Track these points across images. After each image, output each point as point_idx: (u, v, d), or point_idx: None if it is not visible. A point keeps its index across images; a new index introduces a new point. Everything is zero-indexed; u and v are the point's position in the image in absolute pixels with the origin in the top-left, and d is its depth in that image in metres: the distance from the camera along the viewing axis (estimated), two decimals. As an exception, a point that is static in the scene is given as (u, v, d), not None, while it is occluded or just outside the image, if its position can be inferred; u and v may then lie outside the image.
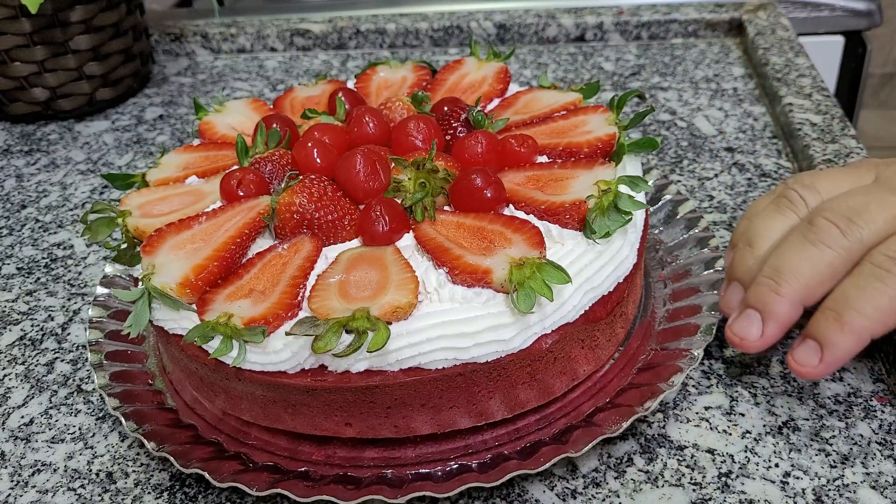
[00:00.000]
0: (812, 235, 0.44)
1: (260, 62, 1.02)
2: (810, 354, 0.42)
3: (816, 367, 0.42)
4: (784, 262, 0.44)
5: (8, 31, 0.81)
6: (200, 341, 0.42)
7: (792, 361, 0.43)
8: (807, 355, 0.42)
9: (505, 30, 1.00)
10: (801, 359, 0.43)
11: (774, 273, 0.44)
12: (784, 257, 0.44)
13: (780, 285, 0.43)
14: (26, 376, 0.55)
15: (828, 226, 0.44)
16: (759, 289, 0.44)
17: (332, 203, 0.45)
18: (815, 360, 0.42)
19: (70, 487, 0.47)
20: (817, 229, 0.44)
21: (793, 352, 0.44)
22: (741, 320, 0.45)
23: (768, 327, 0.44)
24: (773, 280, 0.44)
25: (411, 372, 0.41)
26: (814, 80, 0.81)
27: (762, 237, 0.47)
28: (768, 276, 0.44)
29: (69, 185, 0.78)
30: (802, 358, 0.43)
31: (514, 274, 0.40)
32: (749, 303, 0.45)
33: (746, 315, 0.45)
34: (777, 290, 0.43)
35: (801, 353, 0.43)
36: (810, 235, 0.44)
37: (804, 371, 0.43)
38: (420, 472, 0.44)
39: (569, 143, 0.50)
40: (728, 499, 0.43)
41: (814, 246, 0.43)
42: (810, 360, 0.42)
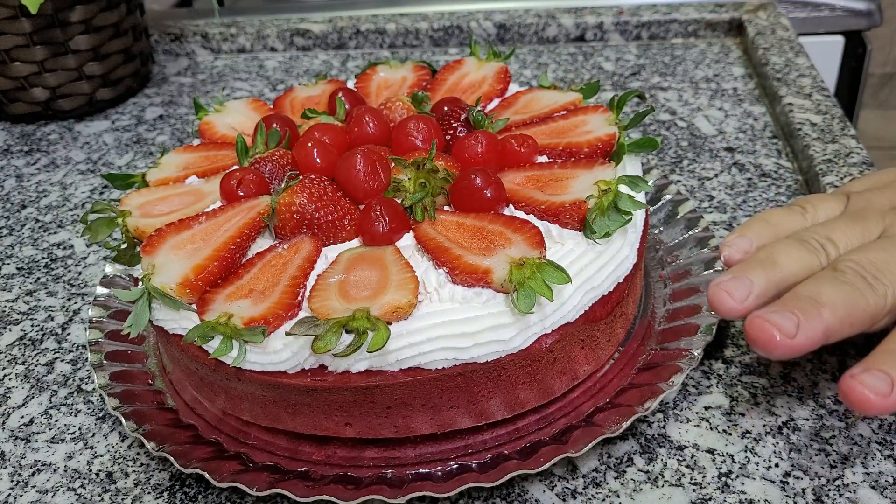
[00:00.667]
0: (844, 278, 0.43)
1: (260, 62, 1.02)
2: (882, 384, 0.39)
3: (887, 398, 0.39)
4: (822, 291, 0.42)
5: (8, 31, 0.81)
6: (200, 341, 0.42)
7: (858, 386, 0.39)
8: (878, 384, 0.39)
9: (505, 30, 1.00)
10: (873, 384, 0.39)
11: (816, 295, 0.42)
12: (822, 287, 0.43)
13: (823, 308, 0.41)
14: (26, 376, 0.55)
15: (857, 276, 0.43)
16: (801, 301, 0.42)
17: (332, 203, 0.45)
18: (888, 390, 0.39)
19: (70, 487, 0.47)
20: (848, 275, 0.43)
21: (856, 378, 0.39)
22: (778, 315, 0.41)
23: (801, 335, 0.41)
24: (815, 300, 0.42)
25: (411, 372, 0.41)
26: (814, 80, 0.81)
27: (788, 261, 0.45)
28: (809, 296, 0.42)
29: (69, 185, 0.78)
30: (875, 384, 0.39)
31: (514, 274, 0.40)
32: (789, 306, 0.42)
33: (785, 314, 0.41)
34: (820, 311, 0.41)
35: (871, 380, 0.39)
36: (842, 277, 0.43)
37: (872, 400, 0.39)
38: (420, 472, 0.44)
39: (569, 143, 0.50)
40: (728, 499, 0.43)
41: (851, 288, 0.42)
42: (883, 388, 0.39)
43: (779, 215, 0.51)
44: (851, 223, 0.48)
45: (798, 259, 0.45)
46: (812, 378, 0.49)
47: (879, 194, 0.50)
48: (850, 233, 0.47)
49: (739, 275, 0.45)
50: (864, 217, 0.48)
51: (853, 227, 0.47)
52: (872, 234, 0.47)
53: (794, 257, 0.45)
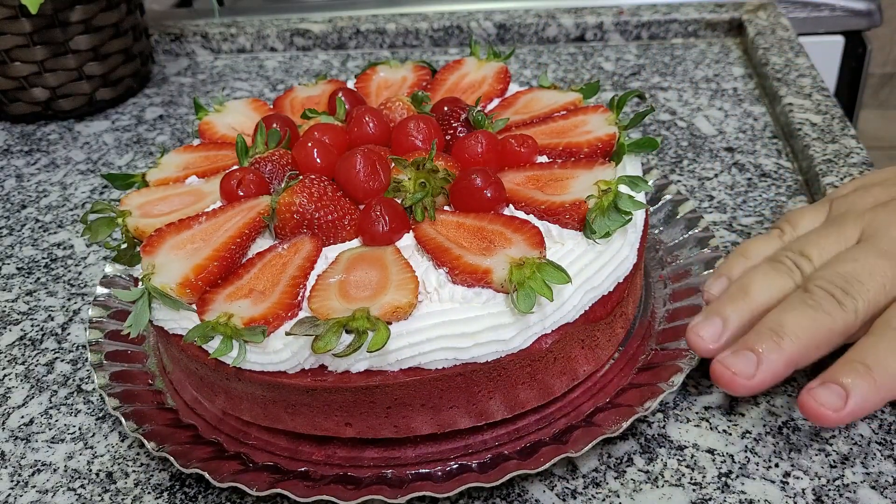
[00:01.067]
0: (811, 301, 0.43)
1: (260, 62, 1.02)
2: (834, 398, 0.40)
3: (840, 412, 0.40)
4: (786, 318, 0.43)
5: (8, 31, 0.81)
6: (200, 341, 0.42)
7: (811, 401, 0.40)
8: (831, 398, 0.40)
9: (505, 30, 1.00)
10: (825, 400, 0.40)
11: (777, 326, 0.43)
12: (785, 315, 0.43)
13: (783, 339, 0.42)
14: (26, 376, 0.55)
15: (825, 295, 0.43)
16: (760, 336, 0.43)
17: (332, 203, 0.45)
18: (840, 405, 0.40)
19: (70, 487, 0.47)
20: (816, 297, 0.44)
21: (811, 393, 0.41)
22: (734, 357, 0.43)
23: (761, 373, 0.42)
24: (775, 332, 0.43)
25: (411, 372, 0.41)
26: (814, 80, 0.81)
27: (759, 289, 0.46)
28: (770, 327, 0.43)
29: (69, 185, 0.78)
30: (826, 400, 0.40)
31: (514, 274, 0.40)
32: (748, 345, 0.43)
33: (743, 354, 0.43)
34: (780, 343, 0.42)
35: (824, 395, 0.40)
36: (810, 301, 0.44)
37: (826, 414, 0.40)
38: (420, 472, 0.44)
39: (569, 143, 0.50)
40: (728, 499, 0.43)
41: (815, 311, 0.43)
42: (835, 403, 0.40)
43: (756, 245, 0.51)
44: (827, 232, 0.48)
45: (770, 285, 0.46)
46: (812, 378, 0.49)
47: (864, 193, 0.50)
48: (824, 242, 0.47)
49: (711, 315, 0.46)
50: (842, 223, 0.48)
51: (828, 237, 0.47)
52: (849, 240, 0.47)
53: (765, 284, 0.46)
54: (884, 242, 0.45)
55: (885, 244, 0.45)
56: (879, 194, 0.50)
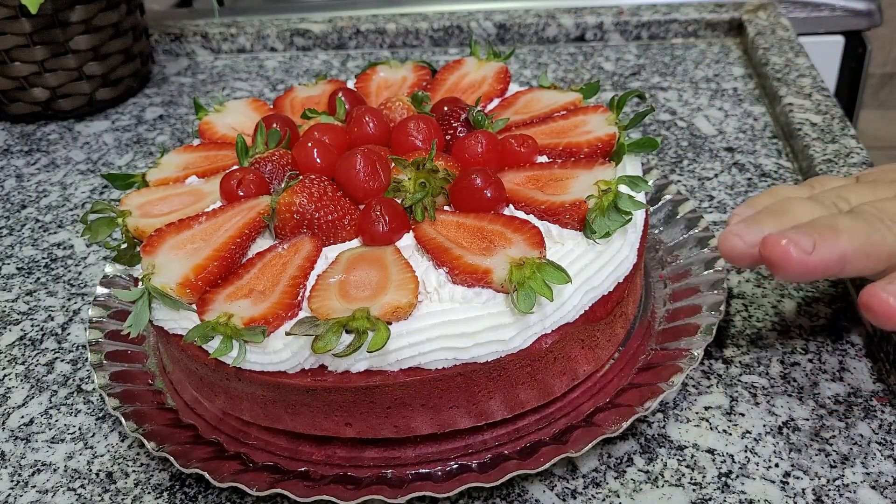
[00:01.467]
0: (863, 219, 0.43)
1: (260, 62, 1.02)
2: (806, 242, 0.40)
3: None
4: (841, 222, 0.42)
5: (8, 31, 0.81)
6: (200, 341, 0.42)
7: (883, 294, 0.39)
8: (803, 241, 0.40)
9: (505, 30, 1.00)
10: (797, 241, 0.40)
11: (833, 224, 0.42)
12: (841, 220, 0.42)
13: (840, 235, 0.41)
14: (26, 376, 0.55)
15: (875, 217, 0.43)
16: (816, 227, 0.42)
17: (332, 203, 0.45)
18: (805, 253, 0.40)
19: (70, 487, 0.47)
20: (864, 215, 0.43)
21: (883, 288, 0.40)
22: (795, 233, 0.41)
23: (818, 254, 0.40)
24: (832, 228, 0.42)
25: (411, 372, 0.41)
26: (814, 80, 0.81)
27: (801, 213, 0.45)
28: (827, 224, 0.42)
29: (69, 185, 0.78)
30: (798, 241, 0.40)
31: (514, 274, 0.40)
32: (807, 230, 0.41)
33: (802, 233, 0.41)
34: (837, 237, 0.41)
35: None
36: (859, 217, 0.43)
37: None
38: (420, 472, 0.44)
39: (569, 143, 0.50)
40: (728, 499, 0.43)
41: (868, 224, 0.42)
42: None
43: (788, 189, 0.50)
44: (862, 187, 0.47)
45: (811, 212, 0.45)
46: (812, 378, 0.49)
47: (889, 171, 0.50)
48: (861, 192, 0.46)
49: (752, 223, 0.44)
50: (874, 185, 0.47)
51: (864, 190, 0.47)
52: (885, 196, 0.46)
53: (807, 209, 0.45)
54: None
55: None
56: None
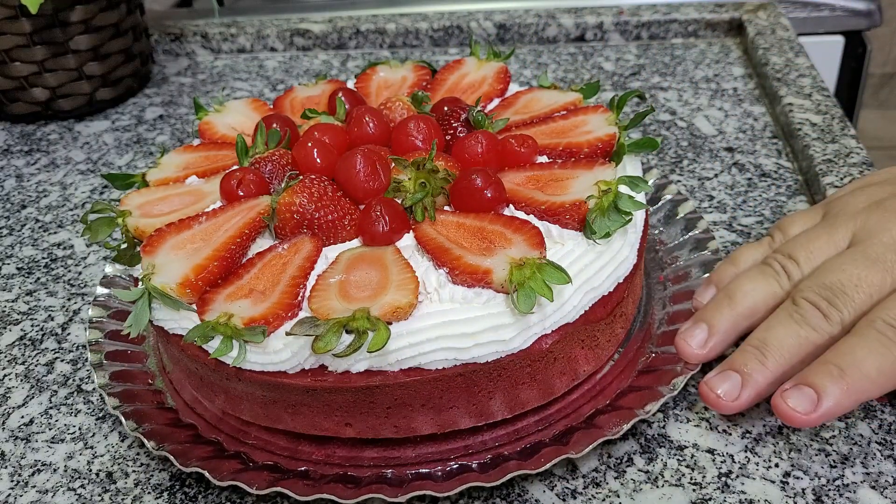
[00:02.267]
0: (797, 316, 0.44)
1: (260, 62, 1.02)
2: (805, 401, 0.41)
3: (810, 415, 0.41)
4: (771, 336, 0.44)
5: (8, 31, 0.81)
6: (200, 341, 0.42)
7: (783, 404, 0.42)
8: (802, 401, 0.41)
9: (505, 30, 1.00)
10: (795, 404, 0.41)
11: (761, 344, 0.44)
12: (771, 331, 0.45)
13: (767, 357, 0.44)
14: (26, 376, 0.55)
15: (811, 308, 0.44)
16: (745, 355, 0.45)
17: (332, 203, 0.45)
18: (811, 408, 0.41)
19: (70, 487, 0.47)
20: (802, 310, 0.44)
21: (783, 394, 0.42)
22: (719, 379, 0.45)
23: (746, 392, 0.44)
24: (759, 351, 0.44)
25: (411, 372, 0.41)
26: (814, 80, 0.81)
27: (744, 295, 0.47)
28: (755, 346, 0.45)
29: (69, 185, 0.78)
30: (797, 403, 0.41)
31: (515, 274, 0.40)
32: (733, 366, 0.45)
33: (727, 375, 0.44)
34: (763, 362, 0.44)
35: (795, 398, 0.42)
36: (795, 315, 0.45)
37: (796, 417, 0.41)
38: (420, 471, 0.44)
39: (569, 143, 0.50)
40: (728, 499, 0.43)
41: (799, 326, 0.44)
42: (805, 406, 0.41)
43: (745, 253, 0.52)
44: (817, 234, 0.48)
45: (755, 289, 0.47)
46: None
47: (860, 193, 0.50)
48: (813, 246, 0.48)
49: (697, 321, 0.48)
50: (833, 225, 0.48)
51: (818, 239, 0.48)
52: (839, 243, 0.47)
53: (750, 288, 0.47)
54: (873, 248, 0.45)
55: (873, 250, 0.45)
56: (875, 192, 0.49)
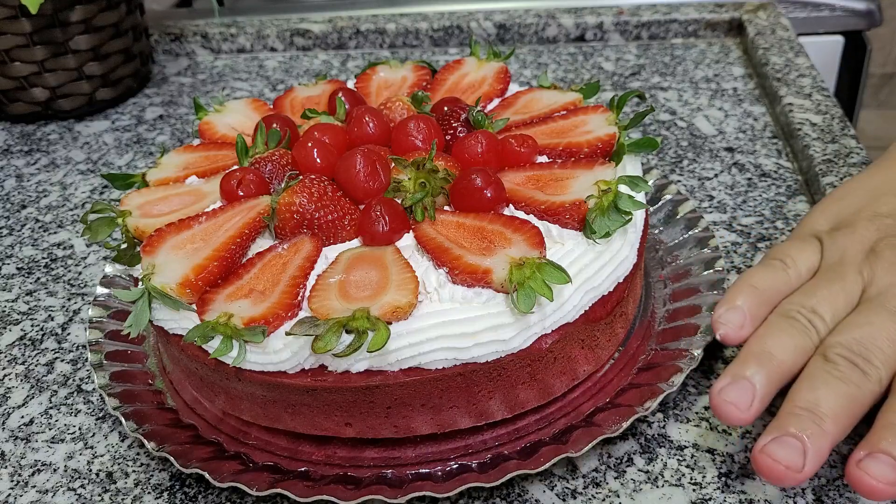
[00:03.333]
0: (837, 373, 0.42)
1: (260, 62, 1.02)
2: (890, 470, 0.38)
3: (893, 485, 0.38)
4: (821, 397, 0.41)
5: (8, 31, 0.81)
6: (200, 341, 0.42)
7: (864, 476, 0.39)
8: (886, 470, 0.38)
9: (505, 30, 1.00)
10: (879, 473, 0.38)
11: (814, 406, 0.41)
12: (819, 392, 0.42)
13: (825, 421, 0.40)
14: (26, 376, 0.55)
15: (849, 366, 0.42)
16: (800, 419, 0.41)
17: (332, 203, 0.45)
18: (892, 476, 0.38)
19: (70, 487, 0.47)
20: (841, 367, 0.42)
21: (862, 465, 0.39)
22: (780, 446, 0.40)
23: (810, 462, 0.40)
24: (814, 413, 0.41)
25: (411, 372, 0.41)
26: (814, 80, 0.81)
27: (783, 351, 0.44)
28: (807, 408, 0.41)
29: (69, 185, 0.78)
30: (881, 473, 0.38)
31: (515, 274, 0.40)
32: (789, 431, 0.41)
33: (786, 442, 0.40)
34: (822, 426, 0.40)
35: (875, 467, 0.39)
36: (836, 373, 0.42)
37: (880, 488, 0.38)
38: (420, 472, 0.44)
39: (569, 143, 0.50)
40: (728, 499, 0.43)
41: (845, 385, 0.42)
42: (887, 475, 0.38)
43: (761, 276, 0.49)
44: (830, 286, 0.47)
45: (790, 346, 0.45)
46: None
47: (850, 237, 0.49)
48: (832, 300, 0.46)
49: (737, 378, 0.43)
50: (842, 275, 0.47)
51: (836, 294, 0.46)
52: (853, 295, 0.46)
53: (786, 345, 0.45)
54: (891, 303, 0.45)
55: (892, 304, 0.44)
56: (864, 236, 0.48)
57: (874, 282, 0.46)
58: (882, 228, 0.49)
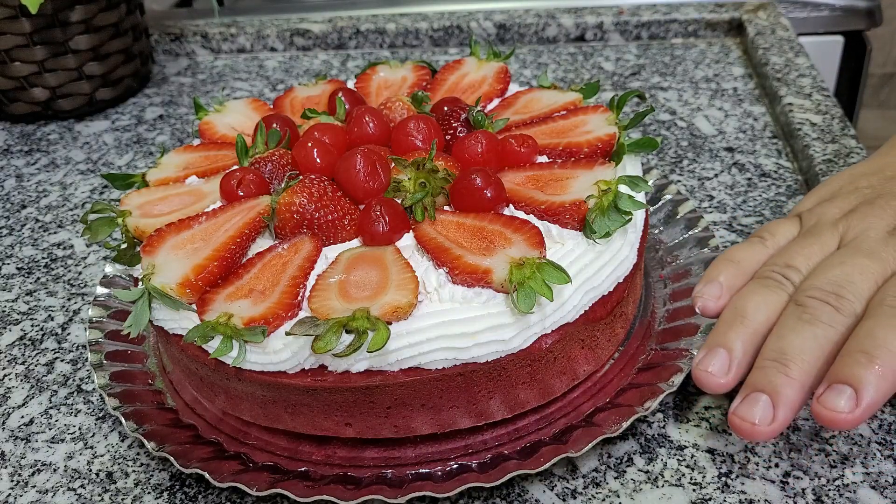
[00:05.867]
0: (807, 315, 0.42)
1: (260, 62, 1.02)
2: (844, 399, 0.38)
3: (854, 411, 0.38)
4: (786, 343, 0.42)
5: (8, 31, 0.81)
6: (200, 341, 0.42)
7: (823, 409, 0.39)
8: (841, 401, 0.38)
9: (505, 30, 1.00)
10: (833, 404, 0.38)
11: (780, 356, 0.41)
12: (785, 339, 0.42)
13: (790, 367, 0.41)
14: (26, 376, 0.55)
15: (820, 305, 0.42)
16: (766, 372, 0.41)
17: (332, 203, 0.45)
18: (853, 405, 0.38)
19: (70, 487, 0.47)
20: (811, 309, 0.42)
21: (820, 400, 0.39)
22: (748, 405, 0.41)
23: (781, 411, 0.40)
24: (779, 362, 0.41)
25: (411, 372, 0.41)
26: (814, 80, 0.81)
27: (756, 310, 0.45)
28: (773, 358, 0.41)
29: (69, 185, 0.78)
30: (835, 403, 0.38)
31: (515, 274, 0.40)
32: (756, 386, 0.41)
33: (754, 399, 0.41)
34: (787, 373, 0.40)
35: (833, 399, 0.38)
36: (805, 316, 0.42)
37: (841, 418, 0.38)
38: (420, 472, 0.44)
39: (569, 143, 0.50)
40: (728, 499, 0.43)
41: (813, 326, 0.42)
42: (847, 404, 0.38)
43: (741, 251, 0.50)
44: (808, 241, 0.48)
45: (764, 302, 0.45)
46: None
47: (829, 205, 0.50)
48: (808, 251, 0.47)
49: (714, 346, 0.44)
50: (818, 232, 0.48)
51: (810, 246, 0.47)
52: (830, 247, 0.47)
53: (760, 303, 0.45)
54: (864, 244, 0.45)
55: (865, 245, 0.45)
56: (842, 203, 0.50)
57: (848, 230, 0.47)
58: (860, 197, 0.50)
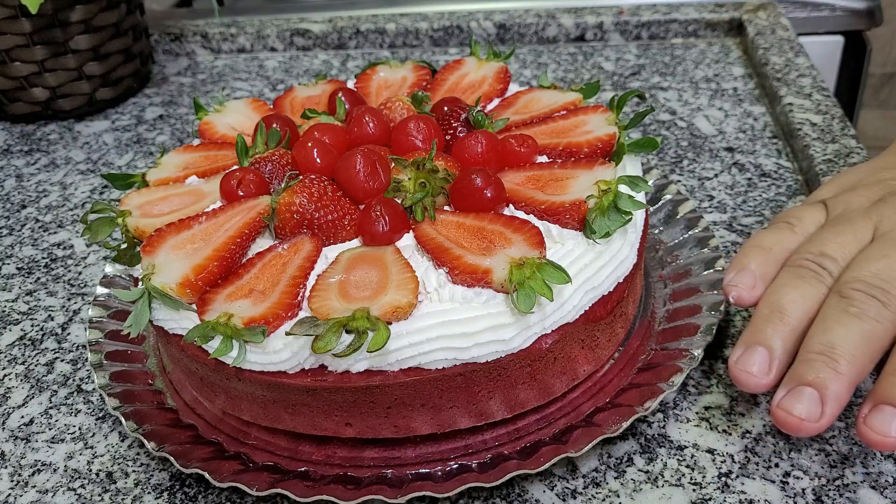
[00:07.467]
0: (854, 309, 0.40)
1: (260, 62, 1.02)
2: (892, 423, 0.37)
3: None
4: (834, 336, 0.40)
5: (8, 31, 0.81)
6: (200, 341, 0.42)
7: (870, 432, 0.38)
8: (888, 424, 0.37)
9: (505, 30, 1.00)
10: (882, 429, 0.37)
11: (828, 350, 0.40)
12: (832, 332, 0.40)
13: (839, 362, 0.39)
14: (26, 376, 0.55)
15: (866, 298, 0.41)
16: (812, 366, 0.40)
17: (332, 203, 0.45)
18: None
19: (70, 487, 0.47)
20: (857, 302, 0.41)
21: (867, 422, 0.38)
22: (793, 399, 0.39)
23: (829, 407, 0.39)
24: (826, 356, 0.39)
25: (411, 372, 0.41)
26: (814, 80, 0.81)
27: (793, 304, 0.43)
28: (820, 351, 0.40)
29: (69, 185, 0.78)
30: (884, 428, 0.37)
31: (515, 274, 0.40)
32: (802, 380, 0.39)
33: (800, 393, 0.39)
34: (836, 368, 0.39)
35: (879, 422, 0.38)
36: (852, 309, 0.40)
37: (889, 442, 0.37)
38: (420, 472, 0.44)
39: (569, 143, 0.50)
40: (728, 499, 0.43)
41: (860, 320, 0.40)
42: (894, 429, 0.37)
43: (768, 237, 0.48)
44: (841, 230, 0.46)
45: (802, 296, 0.43)
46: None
47: (853, 194, 0.48)
48: (841, 240, 0.45)
49: (752, 344, 0.42)
50: (850, 220, 0.46)
51: (843, 234, 0.45)
52: (864, 236, 0.45)
53: (797, 297, 0.43)
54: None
55: None
56: (868, 193, 0.48)
57: (884, 220, 0.45)
58: (886, 187, 0.48)
